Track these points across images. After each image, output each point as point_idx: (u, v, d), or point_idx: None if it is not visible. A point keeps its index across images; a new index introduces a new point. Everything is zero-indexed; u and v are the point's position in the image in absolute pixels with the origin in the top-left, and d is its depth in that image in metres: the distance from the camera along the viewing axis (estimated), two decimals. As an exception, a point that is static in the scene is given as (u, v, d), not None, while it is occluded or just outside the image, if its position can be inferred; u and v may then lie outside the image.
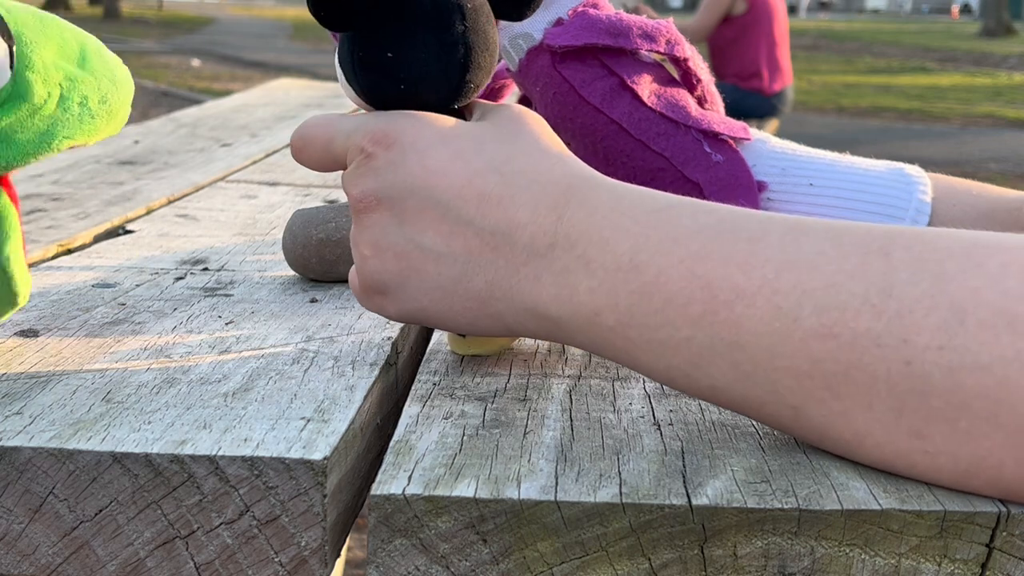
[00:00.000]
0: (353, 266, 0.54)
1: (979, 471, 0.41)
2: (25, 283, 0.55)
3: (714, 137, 0.68)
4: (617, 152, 0.68)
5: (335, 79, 0.76)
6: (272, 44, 15.82)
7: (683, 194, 0.59)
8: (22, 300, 0.56)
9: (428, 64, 0.50)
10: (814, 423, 0.43)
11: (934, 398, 0.40)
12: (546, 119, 0.64)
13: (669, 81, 0.69)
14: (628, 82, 0.67)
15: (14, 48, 0.52)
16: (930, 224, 0.66)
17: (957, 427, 0.40)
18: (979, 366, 0.39)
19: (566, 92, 0.67)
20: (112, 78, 0.56)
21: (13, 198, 0.55)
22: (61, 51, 0.55)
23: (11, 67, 0.51)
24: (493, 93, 0.76)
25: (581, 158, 0.67)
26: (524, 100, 0.73)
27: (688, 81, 0.69)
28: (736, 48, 4.21)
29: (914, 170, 0.69)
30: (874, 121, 8.39)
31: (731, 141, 0.68)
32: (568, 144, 0.69)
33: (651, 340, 0.45)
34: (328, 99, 2.07)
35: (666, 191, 0.55)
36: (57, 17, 0.56)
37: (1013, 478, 0.41)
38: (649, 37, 0.67)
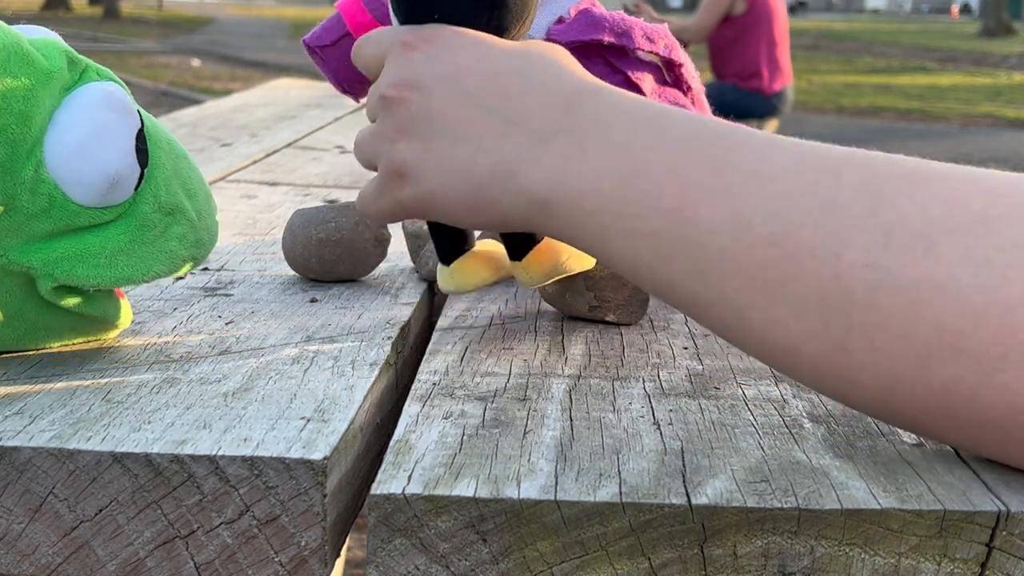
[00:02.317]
0: (369, 184, 0.58)
1: (895, 393, 0.43)
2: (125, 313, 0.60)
3: None
4: None
5: (335, 79, 0.75)
6: (272, 44, 15.82)
7: None
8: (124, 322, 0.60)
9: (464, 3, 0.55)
10: (755, 328, 0.45)
11: (855, 313, 0.42)
12: None
13: (666, 83, 0.69)
14: (633, 78, 0.67)
15: (146, 171, 0.55)
16: None
17: (874, 345, 0.42)
18: (896, 286, 0.41)
19: None
20: (209, 228, 0.60)
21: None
22: (180, 181, 0.58)
23: (136, 188, 0.55)
24: None
25: None
26: None
27: (680, 88, 0.69)
28: (736, 48, 4.21)
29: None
30: (874, 121, 8.39)
31: None
32: None
33: (623, 229, 0.48)
34: (328, 99, 2.07)
35: None
36: (182, 146, 0.60)
37: (924, 405, 0.42)
38: (650, 39, 0.68)
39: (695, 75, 0.70)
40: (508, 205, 0.52)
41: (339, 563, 1.31)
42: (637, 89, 0.67)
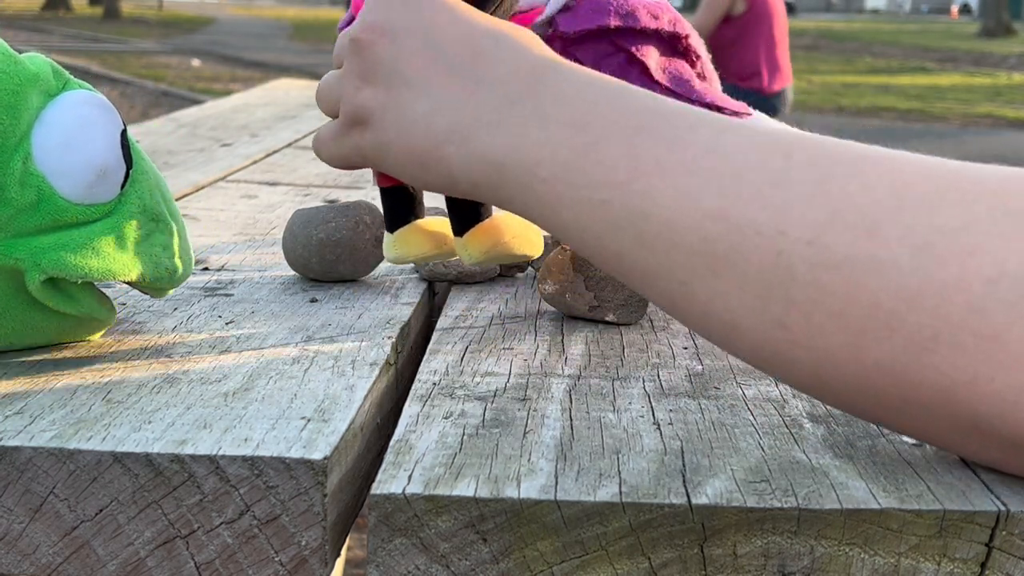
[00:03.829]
0: (326, 122, 0.58)
1: (829, 370, 0.43)
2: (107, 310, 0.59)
3: (717, 111, 0.69)
4: None
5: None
6: (272, 44, 15.82)
7: None
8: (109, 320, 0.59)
9: None
10: (698, 301, 0.46)
11: (795, 290, 0.43)
12: None
13: (672, 56, 0.71)
14: (637, 54, 0.69)
15: (131, 172, 0.57)
16: None
17: (811, 321, 0.43)
18: (834, 264, 0.42)
19: None
20: (189, 250, 0.61)
21: None
22: (163, 195, 0.60)
23: (121, 187, 0.56)
24: None
25: None
26: None
27: (688, 58, 0.71)
28: (736, 48, 4.21)
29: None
30: (874, 121, 8.39)
31: (733, 117, 0.69)
32: None
33: (575, 198, 0.48)
34: (328, 99, 2.06)
35: None
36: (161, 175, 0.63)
37: (856, 383, 0.43)
38: (654, 16, 0.71)
39: (701, 43, 0.73)
40: (460, 166, 0.52)
41: (339, 563, 1.31)
42: (641, 64, 0.68)
